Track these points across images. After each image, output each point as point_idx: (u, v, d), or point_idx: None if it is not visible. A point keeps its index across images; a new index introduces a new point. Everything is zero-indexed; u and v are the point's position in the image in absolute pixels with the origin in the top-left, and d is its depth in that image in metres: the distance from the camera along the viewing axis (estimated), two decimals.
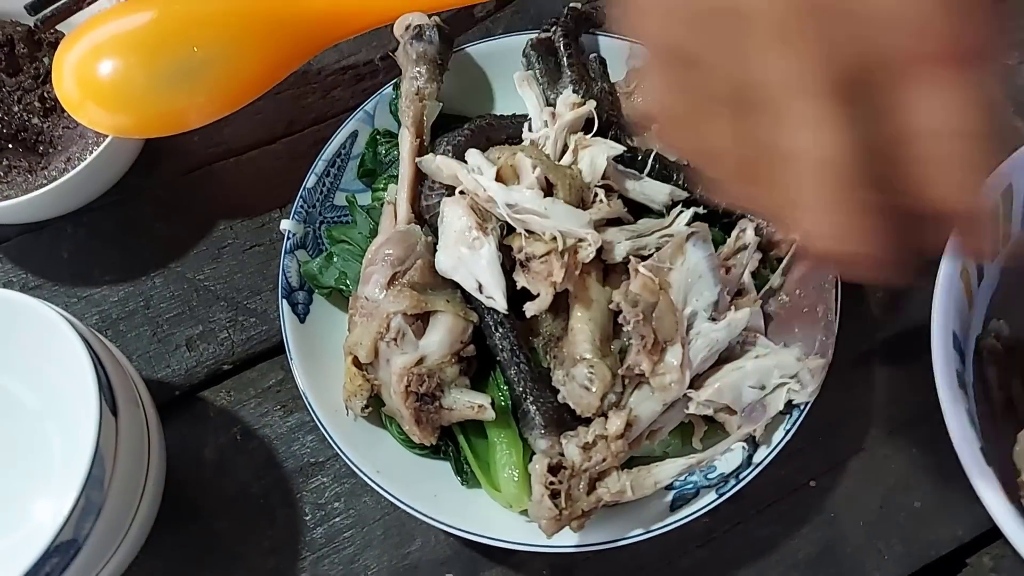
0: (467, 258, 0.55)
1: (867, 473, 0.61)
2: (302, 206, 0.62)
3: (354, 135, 0.64)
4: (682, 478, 0.55)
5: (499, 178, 0.56)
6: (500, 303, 0.54)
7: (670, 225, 0.58)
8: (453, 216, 0.55)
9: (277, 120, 0.72)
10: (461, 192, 0.56)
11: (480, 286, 0.55)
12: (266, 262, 0.68)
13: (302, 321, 0.60)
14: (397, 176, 0.61)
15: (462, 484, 0.57)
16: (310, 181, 0.63)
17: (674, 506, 0.55)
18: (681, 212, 0.59)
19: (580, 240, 0.54)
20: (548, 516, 0.49)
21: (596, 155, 0.57)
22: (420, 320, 0.55)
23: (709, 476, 0.55)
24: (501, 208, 0.54)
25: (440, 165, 0.57)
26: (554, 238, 0.53)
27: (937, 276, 0.54)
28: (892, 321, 0.65)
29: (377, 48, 0.74)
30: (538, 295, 0.53)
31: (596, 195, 0.57)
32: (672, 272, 0.54)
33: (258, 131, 0.72)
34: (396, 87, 0.65)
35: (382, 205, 0.62)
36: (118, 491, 0.50)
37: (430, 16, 0.64)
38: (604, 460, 0.50)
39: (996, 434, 0.56)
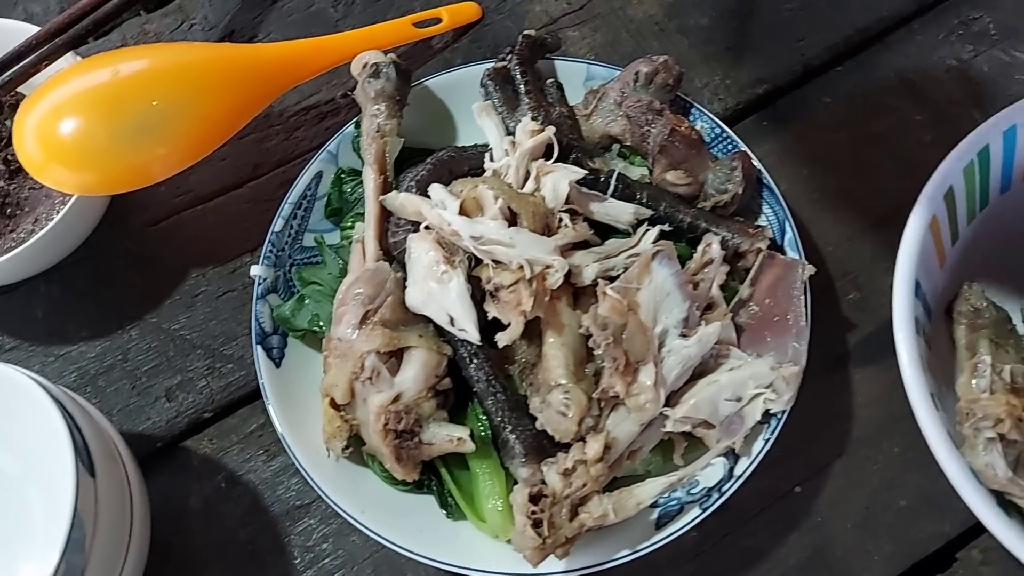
0: (436, 292, 0.55)
1: (850, 476, 0.61)
2: (271, 250, 0.62)
3: (319, 175, 0.65)
4: (666, 495, 0.55)
5: (463, 211, 0.56)
6: (472, 335, 0.54)
7: (637, 244, 0.58)
8: (420, 251, 0.56)
9: (242, 164, 0.73)
10: (427, 227, 0.57)
11: (452, 319, 0.55)
12: (240, 307, 0.68)
13: (278, 365, 0.60)
14: (364, 214, 0.61)
15: (448, 517, 0.57)
16: (277, 225, 0.63)
17: (659, 524, 0.55)
18: (647, 231, 0.59)
19: (547, 267, 0.54)
20: (531, 546, 0.49)
21: (558, 180, 0.57)
22: (394, 357, 0.55)
23: (692, 491, 0.56)
24: (466, 241, 0.54)
25: (404, 202, 0.57)
26: (521, 267, 0.54)
27: (907, 223, 0.55)
28: (864, 322, 0.65)
29: (337, 86, 0.75)
30: (509, 325, 0.54)
31: (561, 220, 0.58)
32: (640, 292, 0.54)
33: (224, 177, 0.72)
34: (358, 125, 0.65)
35: (351, 244, 0.62)
36: (101, 551, 0.50)
37: (386, 53, 0.65)
38: (585, 485, 0.50)
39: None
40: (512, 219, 0.56)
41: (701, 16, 0.76)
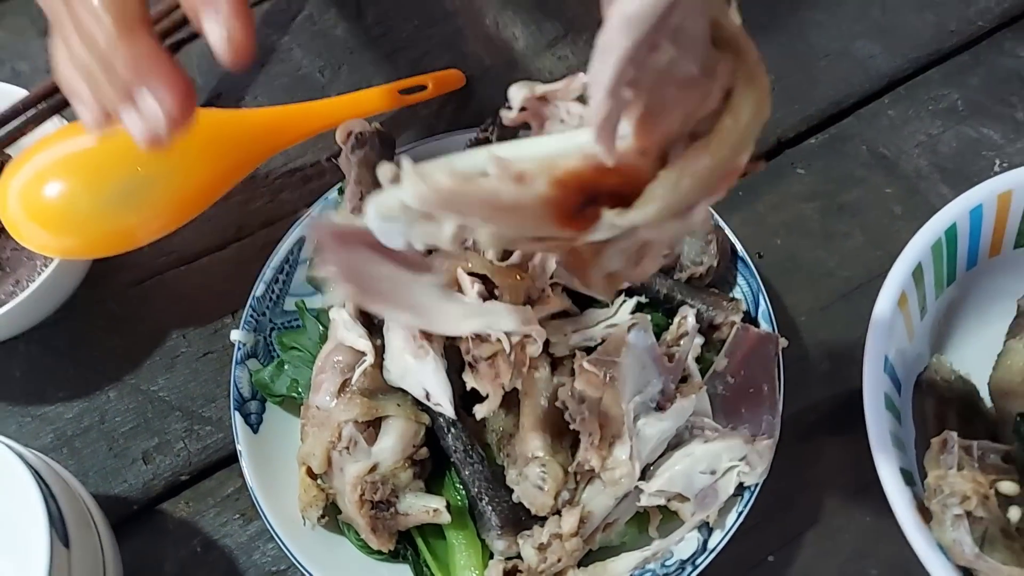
0: (413, 367, 0.55)
1: (823, 545, 0.62)
2: (251, 315, 0.63)
3: (301, 241, 0.65)
4: (640, 569, 0.55)
5: None
6: (447, 410, 0.55)
7: (614, 315, 0.59)
8: (397, 326, 0.56)
9: (226, 225, 0.73)
10: None
11: (427, 394, 0.55)
12: (220, 369, 0.68)
13: (255, 431, 0.60)
14: None
15: None
16: (258, 290, 0.64)
17: None
18: (624, 301, 0.60)
19: (526, 336, 0.55)
20: None
21: (546, 256, 0.58)
22: (371, 426, 0.56)
23: (667, 564, 0.56)
24: None
25: None
26: (499, 340, 0.54)
27: (876, 301, 0.56)
28: (835, 392, 0.66)
29: (323, 149, 0.76)
30: (487, 396, 0.54)
31: (544, 291, 0.59)
32: (617, 365, 0.55)
33: (208, 238, 0.73)
34: (341, 191, 0.66)
35: (332, 309, 0.62)
36: None
37: (370, 122, 0.66)
38: (559, 560, 0.51)
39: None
40: (490, 293, 0.57)
41: None
